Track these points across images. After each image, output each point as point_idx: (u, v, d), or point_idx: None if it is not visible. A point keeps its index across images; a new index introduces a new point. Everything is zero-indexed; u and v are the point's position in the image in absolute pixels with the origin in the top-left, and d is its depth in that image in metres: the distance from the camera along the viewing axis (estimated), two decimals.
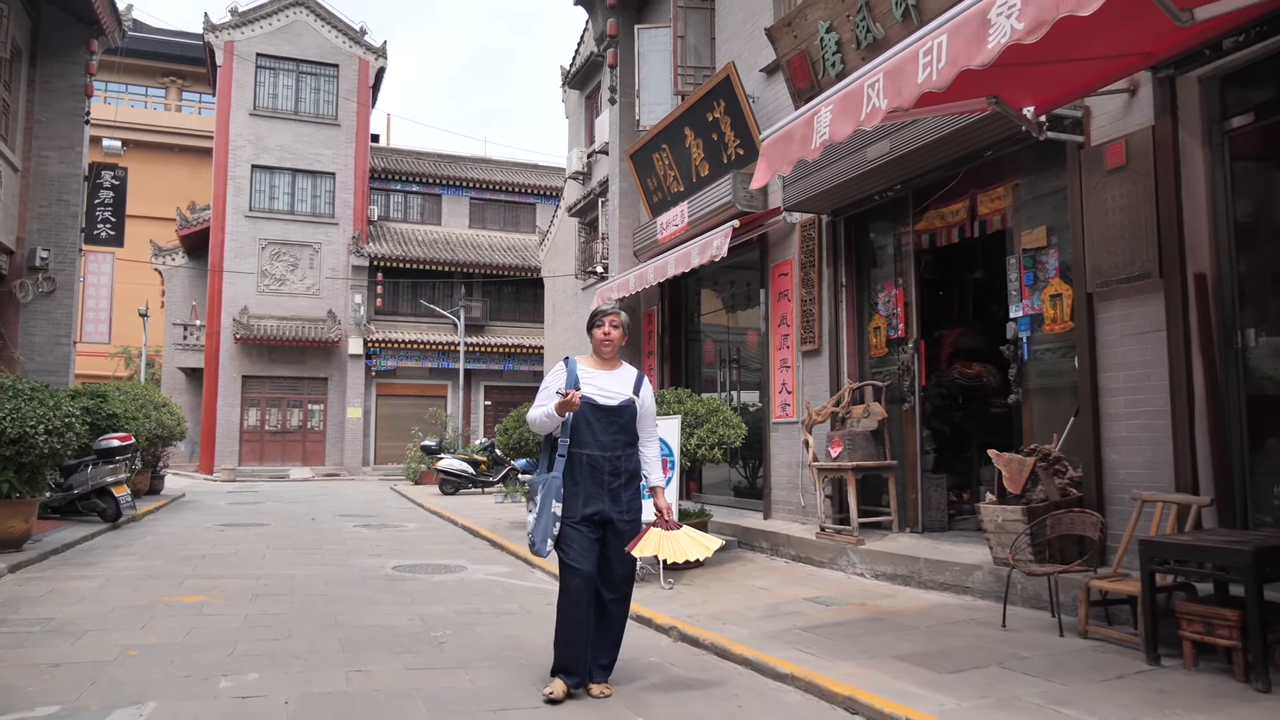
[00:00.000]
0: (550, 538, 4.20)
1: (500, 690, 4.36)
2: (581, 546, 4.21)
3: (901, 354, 7.89)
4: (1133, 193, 5.42)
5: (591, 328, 4.52)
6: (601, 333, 4.45)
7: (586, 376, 4.40)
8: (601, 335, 4.45)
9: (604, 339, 4.45)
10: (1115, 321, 5.61)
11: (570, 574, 4.23)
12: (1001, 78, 4.59)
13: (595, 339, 4.48)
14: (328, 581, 7.65)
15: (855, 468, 7.52)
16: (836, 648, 4.95)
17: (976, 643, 4.92)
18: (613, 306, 4.56)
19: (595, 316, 4.53)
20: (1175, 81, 5.26)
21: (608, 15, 12.82)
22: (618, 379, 4.46)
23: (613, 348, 4.47)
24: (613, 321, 4.47)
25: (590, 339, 4.53)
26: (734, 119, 9.67)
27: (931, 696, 3.95)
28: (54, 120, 16.51)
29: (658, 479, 4.52)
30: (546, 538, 4.20)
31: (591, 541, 4.23)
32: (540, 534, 4.21)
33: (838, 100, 4.08)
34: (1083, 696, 3.87)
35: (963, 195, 7.30)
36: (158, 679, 4.41)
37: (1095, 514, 5.21)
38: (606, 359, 4.49)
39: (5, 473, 8.28)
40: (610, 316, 4.49)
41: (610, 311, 4.52)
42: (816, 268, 8.66)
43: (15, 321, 15.48)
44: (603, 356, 4.49)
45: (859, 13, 7.25)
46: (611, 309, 4.54)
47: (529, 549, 4.27)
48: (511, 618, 6.28)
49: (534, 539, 4.23)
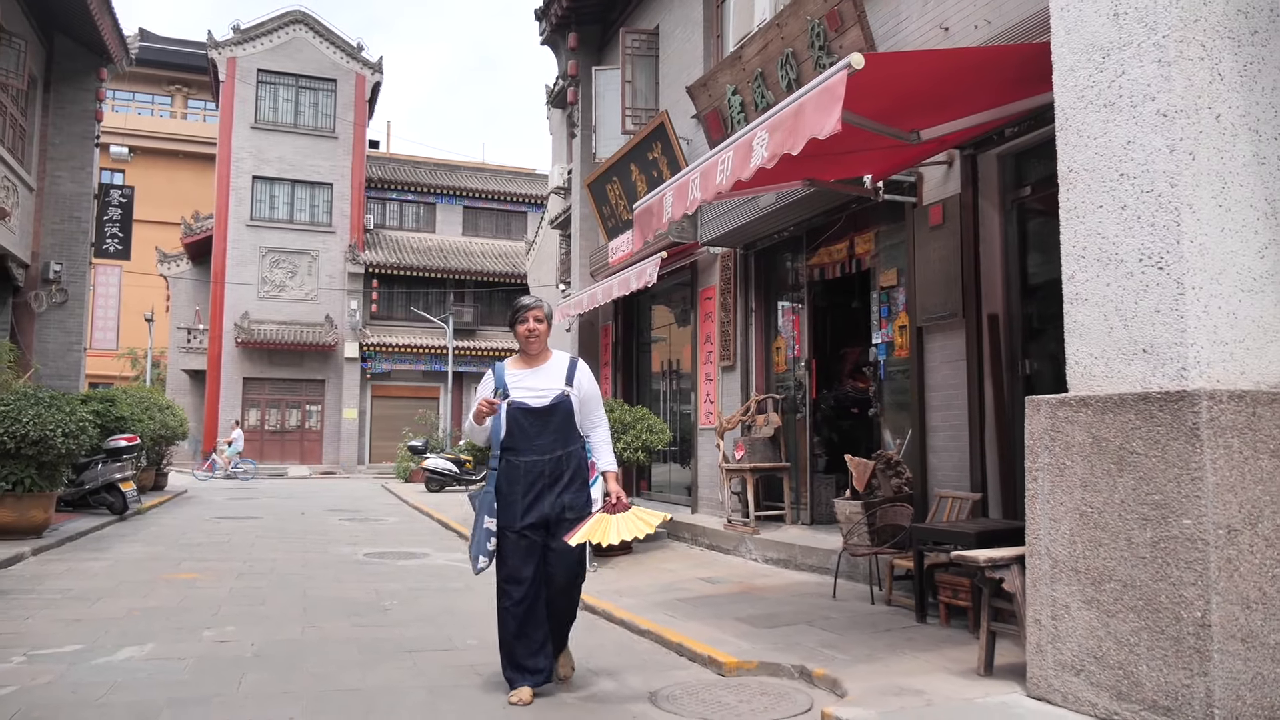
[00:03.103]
0: (484, 554, 4.11)
1: (422, 639, 5.63)
2: (521, 556, 4.12)
3: (798, 371, 9.17)
4: (947, 246, 6.68)
5: (515, 324, 4.35)
6: (526, 328, 4.29)
7: (515, 379, 4.26)
8: (526, 330, 4.29)
9: (528, 334, 4.29)
10: (936, 351, 6.87)
11: (511, 585, 4.13)
12: (826, 161, 5.86)
13: (520, 335, 4.32)
14: (304, 564, 8.93)
15: (753, 469, 8.79)
16: (697, 613, 6.21)
17: (803, 608, 6.19)
18: (534, 300, 4.39)
19: (517, 312, 4.35)
20: (976, 158, 6.52)
21: (569, 57, 14.10)
22: (547, 375, 4.29)
23: (539, 342, 4.31)
24: (535, 315, 4.30)
25: (514, 336, 4.37)
26: (669, 160, 10.93)
27: (738, 643, 5.21)
28: (66, 143, 17.83)
29: (607, 462, 4.36)
30: (480, 554, 4.12)
31: (534, 546, 4.14)
32: (475, 550, 4.15)
33: (674, 189, 5.35)
34: (847, 641, 5.14)
35: (844, 237, 8.57)
36: (156, 630, 5.71)
37: (908, 507, 6.48)
38: (534, 355, 4.34)
39: (28, 470, 9.58)
40: (533, 310, 4.31)
41: (532, 305, 4.34)
42: (733, 294, 9.94)
43: (31, 330, 16.81)
44: (530, 353, 4.34)
45: (754, 81, 8.51)
46: (533, 302, 4.36)
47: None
48: (455, 593, 7.53)
49: (470, 554, 4.21)
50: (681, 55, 11.51)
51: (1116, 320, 3.75)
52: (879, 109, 4.69)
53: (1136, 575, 3.46)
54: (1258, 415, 3.38)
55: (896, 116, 4.90)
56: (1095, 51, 3.92)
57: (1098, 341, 3.84)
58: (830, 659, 4.74)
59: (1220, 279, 3.56)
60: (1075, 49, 4.03)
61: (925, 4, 7.07)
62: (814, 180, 5.85)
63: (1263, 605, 3.28)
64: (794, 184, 6.00)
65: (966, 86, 4.80)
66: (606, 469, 4.35)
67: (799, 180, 5.86)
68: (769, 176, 5.60)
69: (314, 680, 4.59)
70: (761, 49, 8.26)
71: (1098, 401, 3.70)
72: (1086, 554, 3.67)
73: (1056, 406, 3.89)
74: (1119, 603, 3.52)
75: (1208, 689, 3.18)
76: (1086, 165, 3.94)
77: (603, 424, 4.45)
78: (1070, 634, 3.71)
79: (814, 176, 5.82)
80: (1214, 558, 3.22)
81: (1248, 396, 3.38)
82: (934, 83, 4.59)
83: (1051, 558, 3.83)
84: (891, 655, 4.81)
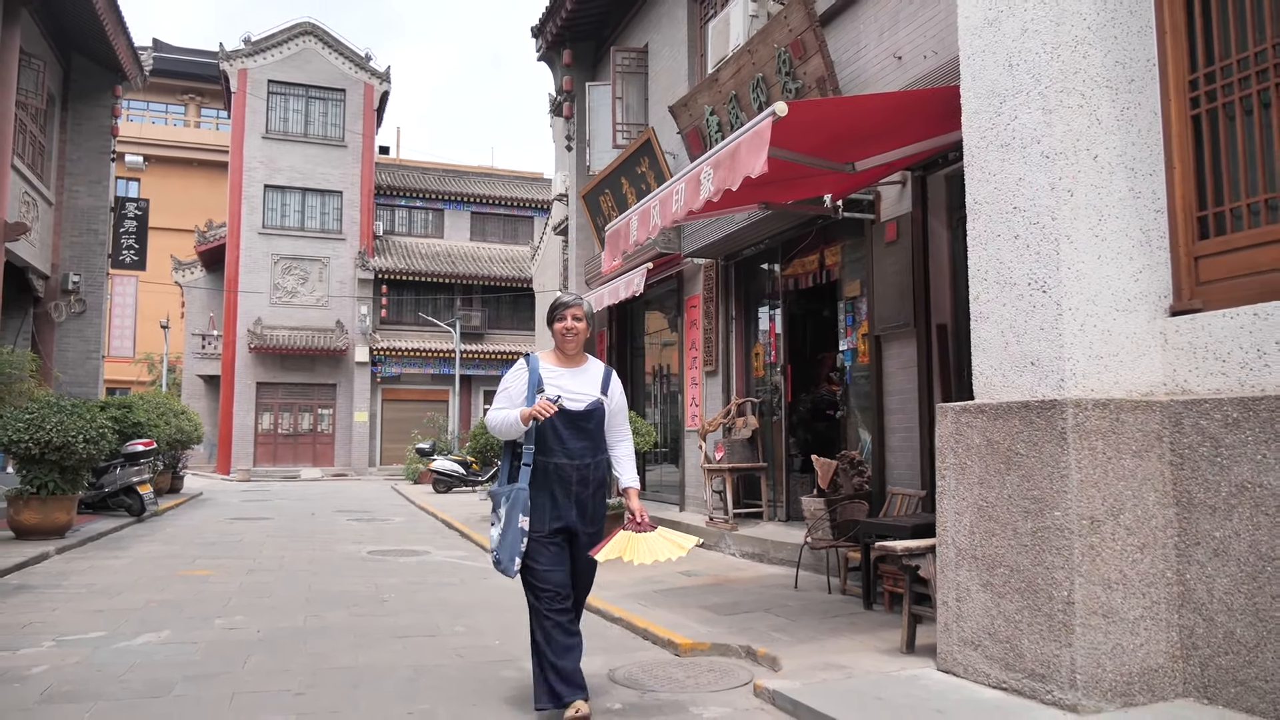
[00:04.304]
0: (519, 556, 3.83)
1: (413, 626, 6.16)
2: (552, 559, 3.93)
3: (774, 376, 9.68)
4: (901, 261, 7.18)
5: (553, 321, 4.12)
6: (564, 326, 4.07)
7: (551, 376, 4.02)
8: (564, 329, 4.07)
9: (566, 332, 4.07)
10: (892, 358, 7.37)
11: (543, 588, 3.92)
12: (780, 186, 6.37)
13: (557, 333, 4.11)
14: (310, 562, 9.49)
15: (733, 469, 9.31)
16: (667, 603, 6.73)
17: (765, 597, 6.70)
18: (574, 297, 4.16)
19: (556, 308, 4.13)
20: (926, 179, 7.02)
21: (564, 73, 14.64)
22: (584, 378, 4.09)
23: (577, 342, 4.10)
24: (574, 314, 4.08)
25: (552, 334, 4.16)
26: (656, 174, 11.45)
27: (697, 627, 5.73)
28: (83, 158, 18.51)
29: (630, 479, 4.19)
30: (514, 556, 3.83)
31: (562, 551, 3.98)
32: (507, 552, 3.84)
33: (639, 214, 5.87)
34: (796, 626, 5.65)
35: (816, 250, 9.07)
36: (171, 619, 6.27)
37: (864, 503, 6.98)
38: (570, 355, 4.12)
39: (51, 474, 10.19)
40: (572, 308, 4.09)
41: (572, 302, 4.11)
42: (715, 302, 10.45)
43: (51, 339, 17.49)
44: (566, 352, 4.11)
45: (730, 102, 9.03)
46: (573, 299, 4.13)
47: (494, 567, 3.91)
48: (449, 587, 8.07)
49: (499, 557, 3.86)
50: (669, 73, 12.04)
51: (1011, 336, 4.26)
52: (815, 144, 5.20)
53: (1020, 561, 3.97)
54: (1121, 420, 3.87)
55: (833, 150, 5.41)
56: (994, 97, 4.42)
57: (996, 355, 4.34)
58: (775, 640, 5.25)
59: (1096, 300, 4.06)
60: (979, 94, 4.53)
61: (881, 35, 7.57)
62: (769, 204, 6.36)
63: (1123, 585, 3.78)
64: (751, 207, 6.51)
65: (895, 123, 5.31)
66: (630, 485, 4.17)
67: (754, 205, 6.37)
68: (729, 200, 6.11)
69: (311, 660, 5.13)
70: (735, 73, 8.77)
71: (991, 408, 4.20)
72: (983, 543, 4.18)
73: (960, 413, 4.40)
74: (1007, 585, 4.02)
75: (1072, 659, 3.68)
76: (988, 199, 4.44)
77: (628, 438, 4.24)
78: (970, 614, 4.22)
79: (770, 200, 6.34)
80: (1078, 545, 3.72)
81: (1112, 404, 3.88)
82: (858, 122, 5.10)
83: (956, 547, 4.34)
84: (831, 637, 5.32)
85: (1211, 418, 3.78)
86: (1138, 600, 3.80)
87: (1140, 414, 3.92)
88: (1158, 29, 4.31)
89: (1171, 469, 3.93)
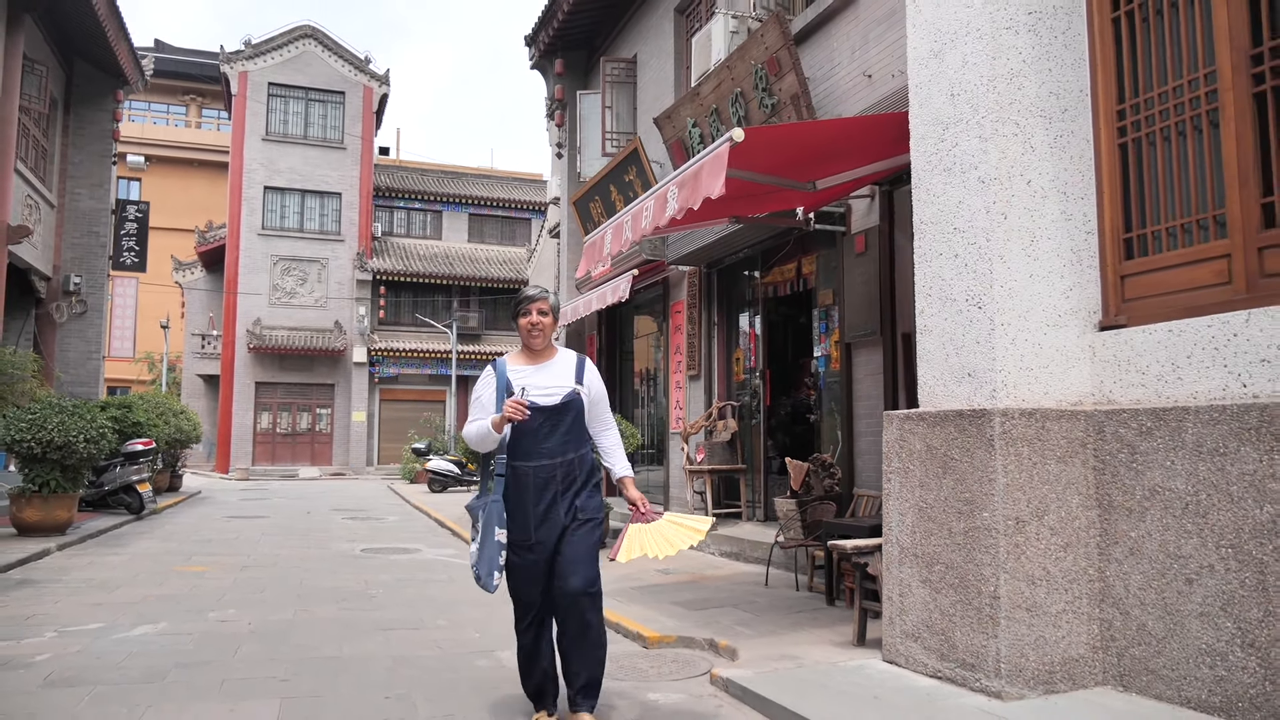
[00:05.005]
0: (497, 570, 3.72)
1: (398, 620, 6.46)
2: (528, 576, 3.82)
3: (754, 380, 9.98)
4: (869, 272, 7.48)
5: (517, 316, 3.95)
6: (529, 321, 3.90)
7: (519, 376, 3.86)
8: (529, 324, 3.90)
9: (532, 327, 3.89)
10: (861, 365, 7.67)
11: (520, 606, 3.90)
12: (750, 201, 6.67)
13: (522, 329, 3.93)
14: (304, 559, 9.79)
15: (713, 470, 9.61)
16: (642, 599, 7.03)
17: (735, 594, 7.00)
18: (538, 291, 3.98)
19: (520, 303, 3.95)
20: (892, 194, 7.32)
21: (556, 81, 14.94)
22: (555, 371, 3.92)
23: (544, 336, 3.92)
24: (539, 308, 3.91)
25: (517, 330, 3.97)
26: (643, 182, 11.74)
27: (666, 621, 6.03)
28: (85, 161, 18.83)
29: (623, 468, 4.06)
30: (493, 570, 3.72)
31: (543, 563, 3.81)
32: (485, 566, 3.72)
33: (613, 228, 6.17)
34: (760, 620, 5.95)
35: (794, 258, 9.36)
36: (167, 612, 6.58)
37: (833, 504, 7.27)
38: (538, 350, 3.94)
39: (52, 473, 10.50)
40: (537, 302, 3.92)
41: (537, 296, 3.94)
42: (698, 308, 10.75)
43: (52, 339, 17.81)
44: (533, 348, 3.93)
45: (710, 115, 9.33)
46: (539, 292, 3.96)
47: (475, 583, 3.77)
48: (437, 584, 8.36)
49: (479, 572, 3.73)
50: (656, 84, 12.34)
51: (951, 349, 4.55)
52: (775, 165, 5.50)
53: (954, 558, 4.27)
54: (1047, 428, 4.17)
55: (793, 170, 5.71)
56: (938, 124, 4.72)
57: (938, 366, 4.64)
58: (738, 634, 5.55)
59: (1028, 316, 4.36)
60: (925, 120, 4.83)
61: (853, 53, 7.87)
62: (739, 217, 6.66)
63: (1046, 581, 4.08)
64: (722, 221, 6.81)
65: (852, 145, 5.61)
66: (624, 474, 4.04)
67: (725, 219, 6.67)
68: (700, 214, 6.41)
69: (298, 650, 5.44)
70: (716, 87, 9.07)
71: (931, 416, 4.50)
72: (922, 541, 4.48)
73: (903, 420, 4.69)
74: (943, 581, 4.32)
75: (998, 649, 3.98)
76: (932, 219, 4.74)
77: (613, 427, 4.10)
78: (911, 608, 4.52)
79: (741, 214, 6.64)
80: (1003, 543, 4.02)
81: (1038, 413, 4.18)
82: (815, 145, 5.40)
83: (899, 545, 4.64)
84: (791, 631, 5.61)
85: (1129, 426, 4.08)
86: (1060, 595, 4.09)
87: (1065, 422, 4.22)
88: (1090, 62, 4.60)
89: (1094, 474, 4.23)
